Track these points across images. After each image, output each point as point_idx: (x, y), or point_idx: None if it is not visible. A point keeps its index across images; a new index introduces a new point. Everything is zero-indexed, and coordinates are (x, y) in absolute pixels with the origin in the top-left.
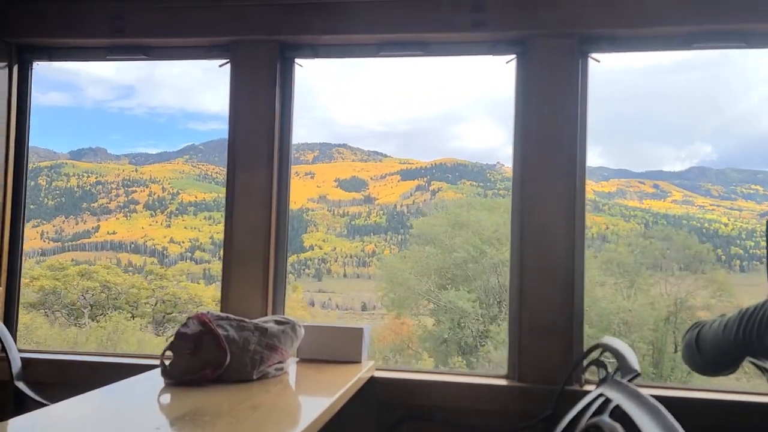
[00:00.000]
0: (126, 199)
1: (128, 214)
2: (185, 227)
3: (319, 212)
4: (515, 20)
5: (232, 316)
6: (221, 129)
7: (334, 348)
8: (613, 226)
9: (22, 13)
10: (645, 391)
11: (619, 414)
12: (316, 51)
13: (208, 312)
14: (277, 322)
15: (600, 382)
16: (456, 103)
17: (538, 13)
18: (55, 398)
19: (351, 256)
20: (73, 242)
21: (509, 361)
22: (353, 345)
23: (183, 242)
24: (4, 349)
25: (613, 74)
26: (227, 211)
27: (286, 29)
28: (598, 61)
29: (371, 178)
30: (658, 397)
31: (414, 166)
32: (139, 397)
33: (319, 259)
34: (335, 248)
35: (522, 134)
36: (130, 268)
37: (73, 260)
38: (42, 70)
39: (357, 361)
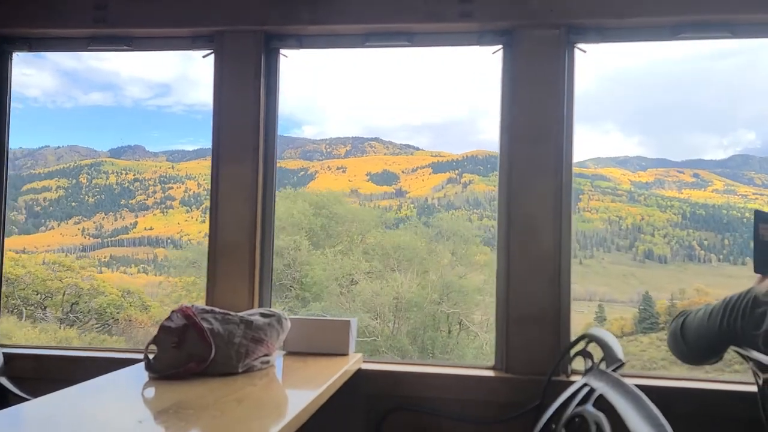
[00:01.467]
0: (162, 195)
1: (165, 210)
2: None
3: (351, 206)
4: (502, 11)
5: (216, 309)
6: None
7: (321, 341)
8: (649, 217)
9: (1, 3)
10: (628, 381)
11: (603, 403)
12: (301, 41)
13: (192, 305)
14: (263, 315)
15: (586, 373)
16: (487, 94)
17: (525, 3)
18: (38, 393)
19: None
20: (112, 238)
21: (496, 352)
22: (340, 337)
23: None
24: None
25: (653, 62)
26: (212, 204)
27: (271, 19)
28: (585, 52)
29: (402, 172)
30: (641, 386)
31: (445, 158)
32: (122, 391)
33: None
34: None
35: (509, 125)
36: (165, 263)
37: (111, 256)
38: (85, 70)
39: (344, 354)
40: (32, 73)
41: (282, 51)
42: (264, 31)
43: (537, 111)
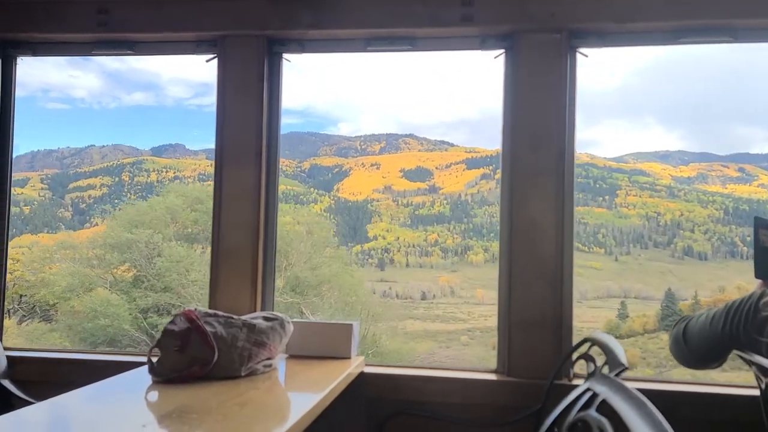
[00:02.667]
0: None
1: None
2: None
3: (384, 203)
4: (504, 15)
5: (219, 313)
6: (294, 123)
7: (324, 344)
8: (689, 213)
9: (6, 8)
10: (631, 385)
11: (606, 408)
12: (303, 46)
13: (195, 309)
14: (266, 319)
15: (588, 377)
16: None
17: (526, 7)
18: (41, 396)
19: (414, 246)
20: None
21: (498, 356)
22: (343, 341)
23: None
24: None
25: (693, 54)
26: (215, 207)
27: (274, 24)
28: (586, 56)
29: (436, 168)
30: (644, 391)
31: (480, 154)
32: (125, 395)
33: (382, 249)
34: (398, 238)
35: (511, 129)
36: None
37: None
38: (128, 71)
39: (346, 357)
40: (79, 75)
41: (284, 55)
42: (266, 36)
43: (539, 115)
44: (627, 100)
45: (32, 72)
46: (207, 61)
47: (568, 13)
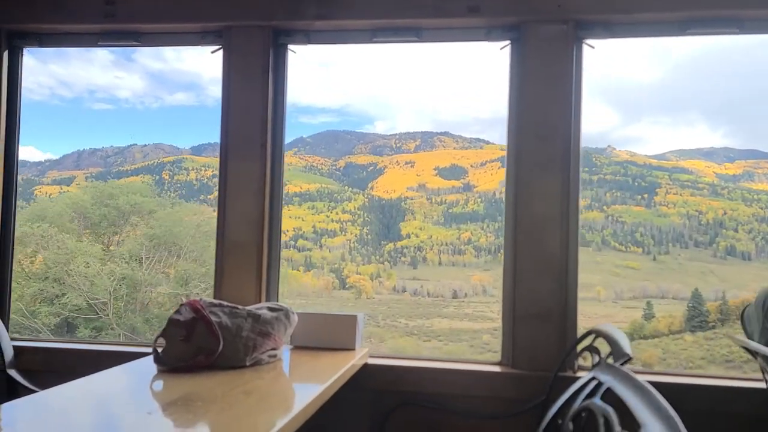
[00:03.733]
0: None
1: None
2: (290, 217)
3: (417, 201)
4: (510, 6)
5: (225, 303)
6: (331, 122)
7: (328, 335)
8: (732, 212)
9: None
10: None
11: (611, 397)
12: (309, 37)
13: (200, 299)
14: (271, 309)
15: (593, 368)
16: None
17: None
18: (47, 386)
19: (447, 244)
20: None
21: (503, 348)
22: (347, 332)
23: (287, 231)
24: None
25: (739, 46)
26: (220, 199)
27: (279, 15)
28: (593, 47)
29: (471, 166)
30: (649, 383)
31: None
32: (131, 383)
33: (415, 247)
34: (431, 236)
35: (516, 122)
36: None
37: None
38: (171, 72)
39: (351, 349)
40: (124, 75)
41: (290, 46)
42: (272, 27)
43: (544, 107)
44: (669, 95)
45: (80, 74)
46: (212, 52)
47: (575, 3)
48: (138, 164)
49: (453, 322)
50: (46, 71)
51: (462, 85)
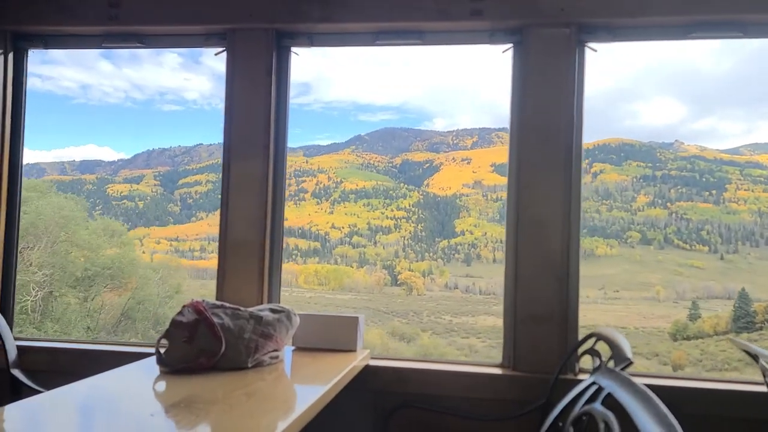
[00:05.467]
0: (296, 188)
1: (297, 202)
2: (345, 213)
3: (473, 197)
4: (513, 9)
5: (227, 305)
6: (389, 119)
7: (330, 337)
8: None
9: (17, 1)
10: (636, 381)
11: (611, 402)
12: (312, 39)
13: (203, 300)
14: (273, 311)
15: (594, 371)
16: (631, 79)
17: (535, 2)
18: (51, 386)
19: (501, 242)
20: None
21: (504, 350)
22: (348, 334)
23: (343, 228)
24: (0, 338)
25: None
26: (222, 200)
27: (282, 17)
28: (595, 51)
29: None
30: (649, 386)
31: None
32: (133, 384)
33: (469, 244)
34: (486, 233)
35: (518, 124)
36: (296, 252)
37: None
38: None
39: (352, 350)
40: (192, 77)
41: (293, 49)
42: (275, 29)
43: (547, 110)
44: (743, 87)
45: (150, 77)
46: (216, 54)
47: (578, 7)
48: (203, 163)
49: (498, 320)
50: (121, 75)
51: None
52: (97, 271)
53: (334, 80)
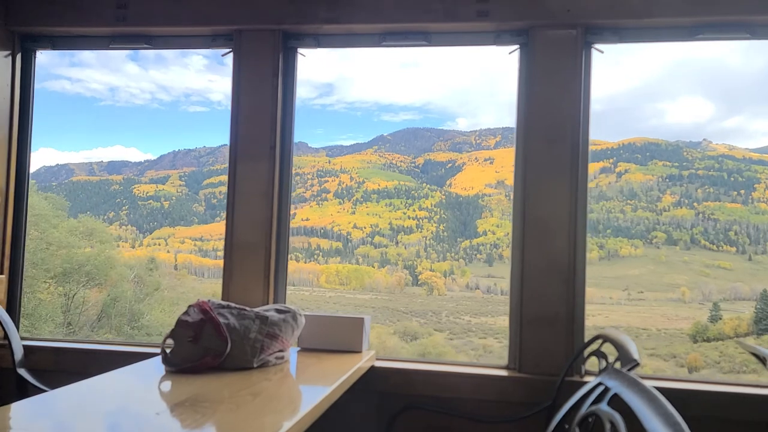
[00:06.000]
0: (319, 188)
1: (320, 202)
2: (367, 213)
3: (495, 197)
4: (519, 10)
5: (233, 305)
6: (412, 119)
7: (335, 338)
8: None
9: (25, 1)
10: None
11: (617, 403)
12: (318, 41)
13: (209, 300)
14: (278, 311)
15: (600, 373)
16: (657, 77)
17: (542, 3)
18: (56, 385)
19: None
20: None
21: (510, 352)
22: (354, 335)
23: (365, 228)
24: (6, 337)
25: None
26: (229, 201)
27: (289, 19)
28: (602, 52)
29: None
30: (656, 388)
31: (600, 147)
32: (139, 384)
33: (491, 245)
34: (508, 233)
35: (524, 126)
36: (317, 252)
37: None
38: None
39: (357, 351)
40: (216, 79)
41: (299, 50)
42: (282, 30)
43: (553, 111)
44: None
45: (176, 78)
46: (222, 55)
47: (584, 8)
48: (227, 164)
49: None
50: (148, 77)
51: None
52: (69, 268)
53: (357, 81)
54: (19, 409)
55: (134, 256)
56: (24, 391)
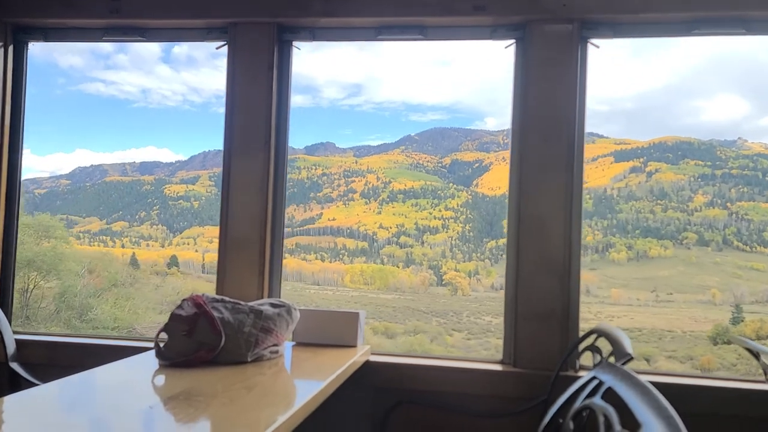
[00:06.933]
0: (345, 188)
1: (346, 202)
2: (393, 213)
3: None
4: (515, 5)
5: (227, 299)
6: (440, 119)
7: (330, 332)
8: None
9: None
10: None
11: (611, 397)
12: (314, 34)
13: (203, 294)
14: (273, 305)
15: (594, 367)
16: (692, 75)
17: None
18: (49, 380)
19: None
20: (300, 228)
21: (505, 347)
22: (349, 329)
23: (391, 228)
24: None
25: None
26: (223, 195)
27: (284, 12)
28: (598, 47)
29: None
30: (651, 383)
31: (630, 146)
32: (132, 378)
33: None
34: None
35: (520, 121)
36: (343, 251)
37: (296, 244)
38: (292, 76)
39: (352, 346)
40: None
41: (295, 43)
42: (277, 23)
43: (549, 107)
44: None
45: (206, 80)
46: (217, 48)
47: (580, 3)
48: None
49: None
50: (179, 79)
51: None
52: (23, 264)
53: (386, 81)
54: (10, 402)
55: (153, 257)
56: (16, 385)
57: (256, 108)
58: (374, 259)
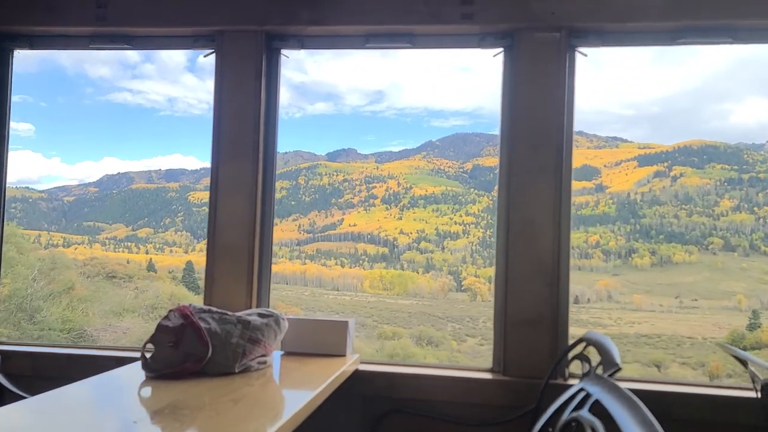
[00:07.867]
0: (367, 194)
1: (367, 207)
2: (414, 219)
3: None
4: (503, 13)
5: (214, 309)
6: (462, 125)
7: (319, 341)
8: None
9: (3, 1)
10: (626, 385)
11: (599, 408)
12: (302, 42)
13: (190, 304)
14: (261, 315)
15: (582, 377)
16: (721, 76)
17: (526, 6)
18: (34, 391)
19: (573, 248)
20: (322, 233)
21: (494, 355)
22: (338, 338)
23: (411, 233)
24: None
25: None
26: (211, 203)
27: (272, 20)
28: (585, 55)
29: (605, 166)
30: (638, 391)
31: (654, 150)
32: (118, 390)
33: None
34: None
35: (509, 128)
36: (363, 257)
37: (317, 250)
38: (312, 83)
39: (342, 355)
40: None
41: (283, 51)
42: (265, 31)
43: (537, 114)
44: None
45: None
46: (205, 56)
47: (568, 12)
48: (279, 170)
49: None
50: (204, 87)
51: (605, 80)
52: None
53: (407, 87)
54: None
55: (173, 263)
56: (1, 397)
57: (244, 115)
58: (394, 264)
